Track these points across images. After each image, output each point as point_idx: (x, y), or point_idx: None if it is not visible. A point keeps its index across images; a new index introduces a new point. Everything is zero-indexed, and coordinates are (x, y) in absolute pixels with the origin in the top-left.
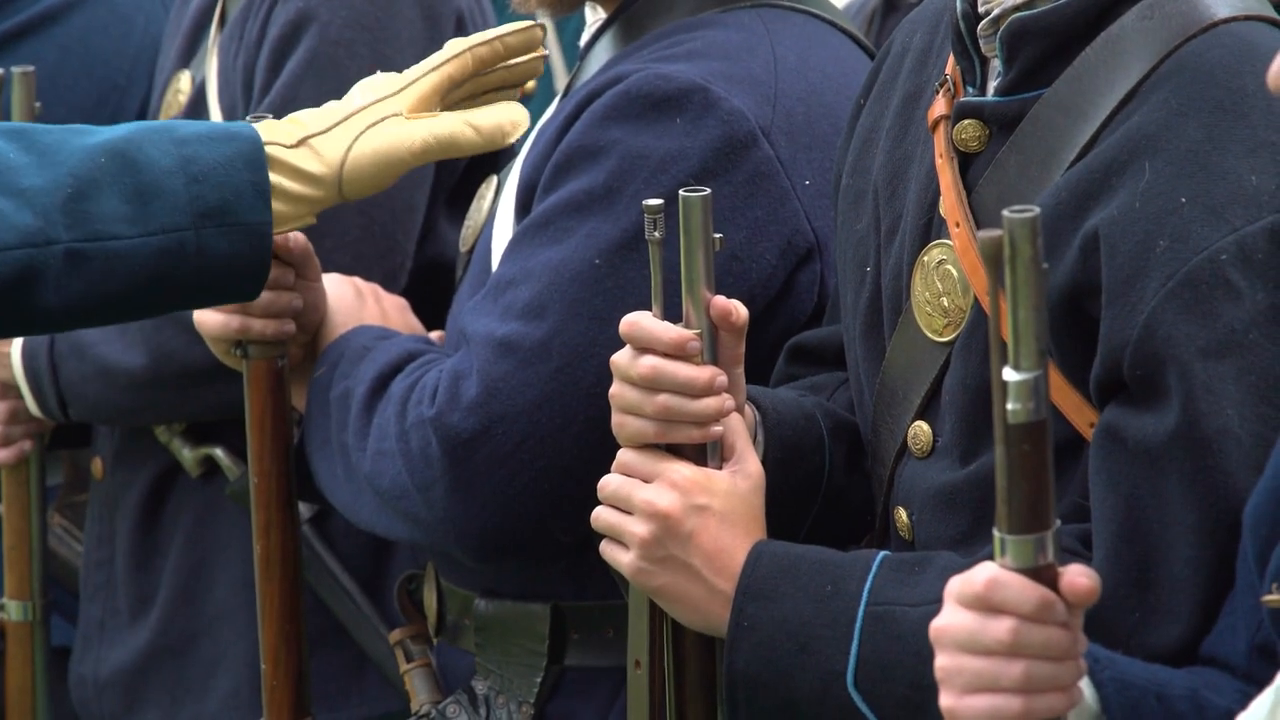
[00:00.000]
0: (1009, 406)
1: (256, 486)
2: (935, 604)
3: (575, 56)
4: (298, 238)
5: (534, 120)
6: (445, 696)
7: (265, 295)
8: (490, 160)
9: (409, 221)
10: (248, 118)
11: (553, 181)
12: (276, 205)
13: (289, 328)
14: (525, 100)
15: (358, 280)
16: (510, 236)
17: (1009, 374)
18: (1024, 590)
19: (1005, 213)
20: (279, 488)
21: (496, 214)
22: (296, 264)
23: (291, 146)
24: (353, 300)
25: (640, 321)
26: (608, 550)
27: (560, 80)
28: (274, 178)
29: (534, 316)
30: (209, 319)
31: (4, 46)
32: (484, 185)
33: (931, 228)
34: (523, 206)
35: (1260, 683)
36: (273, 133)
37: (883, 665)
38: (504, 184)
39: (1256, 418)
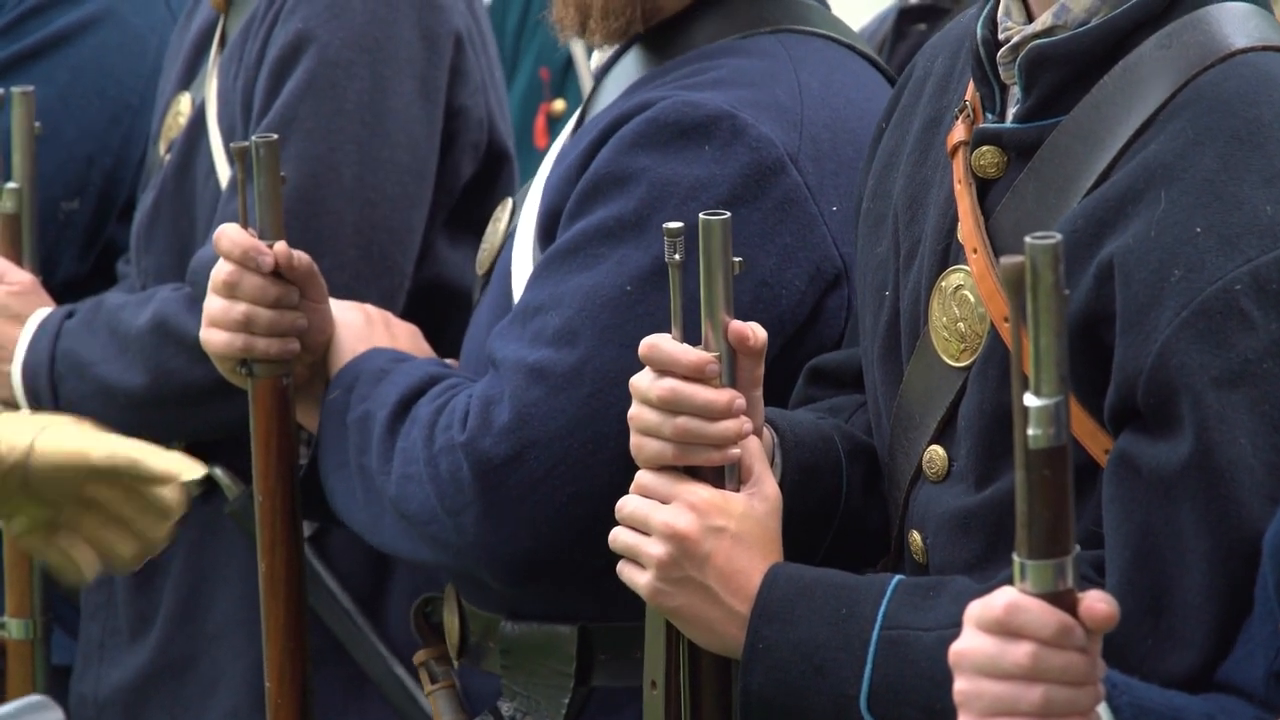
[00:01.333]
0: (1030, 432)
1: (261, 505)
2: (949, 628)
3: None
4: (301, 257)
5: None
6: (469, 718)
7: (270, 314)
8: (492, 182)
9: (407, 242)
10: (252, 138)
11: (580, 207)
12: None
13: (294, 346)
14: (555, 122)
15: (368, 307)
16: (531, 260)
17: (1030, 399)
18: (1043, 615)
19: (1027, 239)
20: (284, 506)
21: (515, 237)
22: (301, 283)
23: None
24: (362, 326)
25: (659, 344)
26: (625, 571)
27: None
28: None
29: (565, 343)
30: (214, 337)
31: (16, 68)
32: (499, 209)
33: (949, 253)
34: (545, 231)
35: (1277, 710)
36: None
37: (896, 689)
38: (521, 207)
39: (1270, 447)
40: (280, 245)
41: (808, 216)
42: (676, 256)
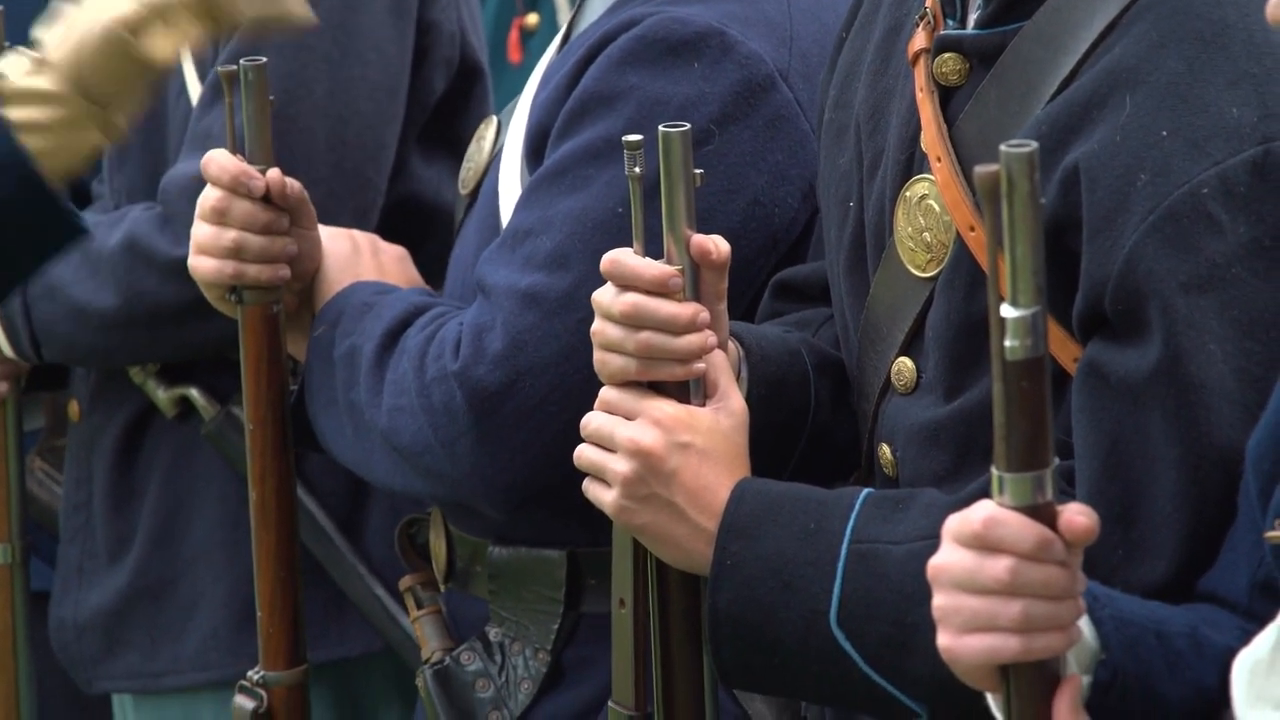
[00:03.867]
0: (1007, 343)
1: (252, 434)
2: (918, 541)
3: None
4: (293, 184)
5: (536, 60)
6: (456, 644)
7: (260, 240)
8: (465, 97)
9: (380, 159)
10: (240, 61)
11: (568, 128)
12: (32, 139)
13: (284, 273)
14: (528, 37)
15: (355, 233)
16: (518, 180)
17: (1007, 310)
18: (1022, 529)
19: (1003, 147)
20: (274, 435)
21: (502, 156)
22: (291, 210)
23: (26, 75)
24: (349, 254)
25: (621, 259)
26: (590, 488)
27: (562, 14)
28: (11, 112)
29: (557, 267)
30: (203, 264)
31: None
32: (483, 126)
33: (913, 162)
34: (533, 151)
35: (1261, 619)
36: (7, 68)
37: (865, 603)
38: (507, 125)
39: (1240, 352)
40: (273, 172)
41: (799, 133)
42: (637, 169)
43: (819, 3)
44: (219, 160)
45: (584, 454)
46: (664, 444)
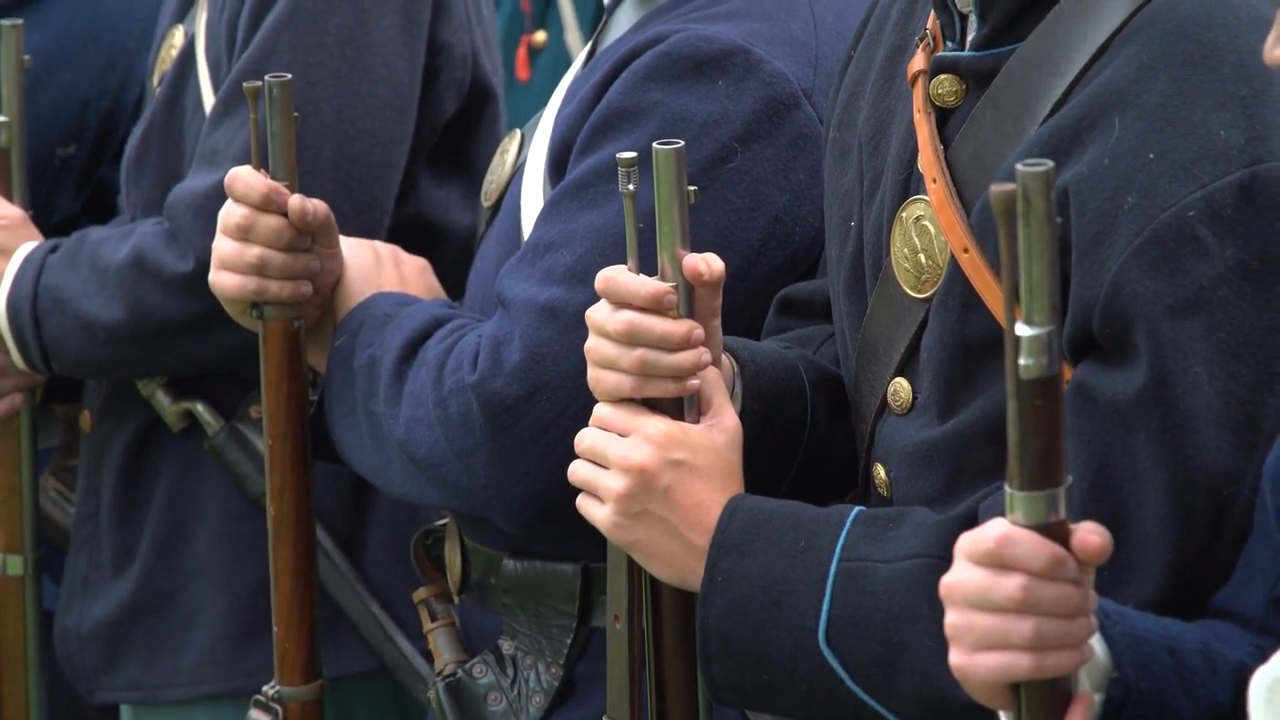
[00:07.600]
0: (1021, 361)
1: (271, 449)
2: (907, 560)
3: (586, 6)
4: (318, 207)
5: (555, 75)
6: (469, 656)
7: (284, 257)
8: (475, 119)
9: (387, 178)
10: (265, 78)
11: (591, 143)
12: None
13: (306, 289)
14: (536, 54)
15: (377, 244)
16: (540, 194)
17: (1021, 329)
18: (1035, 547)
19: (1018, 167)
20: (293, 450)
21: (525, 170)
22: (315, 230)
23: None
24: (370, 265)
25: (616, 276)
26: (584, 505)
27: (570, 32)
28: None
29: (577, 281)
30: (226, 280)
31: (11, 12)
32: (507, 139)
33: (910, 183)
34: (556, 165)
35: (1277, 635)
36: None
37: (854, 622)
38: (530, 139)
39: (1227, 375)
40: (295, 199)
41: (822, 153)
42: (630, 186)
43: (844, 22)
44: (245, 178)
45: (577, 470)
46: (657, 461)
